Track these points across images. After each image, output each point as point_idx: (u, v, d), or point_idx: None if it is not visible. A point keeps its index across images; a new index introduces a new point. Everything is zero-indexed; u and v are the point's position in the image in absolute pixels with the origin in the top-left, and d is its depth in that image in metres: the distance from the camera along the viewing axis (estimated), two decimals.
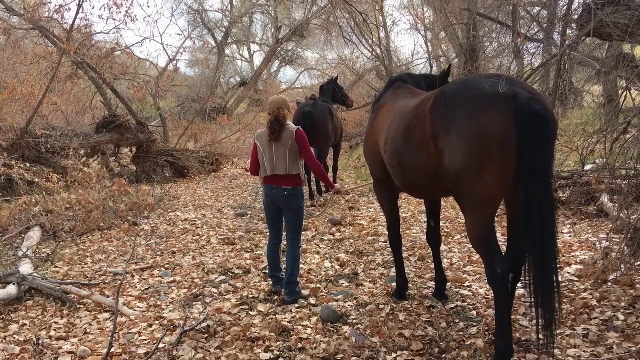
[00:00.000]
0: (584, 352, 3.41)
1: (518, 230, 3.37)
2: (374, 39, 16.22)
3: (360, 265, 5.81)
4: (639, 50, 6.04)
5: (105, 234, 7.75)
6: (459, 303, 4.49)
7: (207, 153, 15.01)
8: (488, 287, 4.58)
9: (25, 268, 5.65)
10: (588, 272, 4.67)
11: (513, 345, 3.33)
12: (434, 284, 4.77)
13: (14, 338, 4.28)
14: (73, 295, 5.08)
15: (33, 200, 7.96)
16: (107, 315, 4.72)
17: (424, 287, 5.01)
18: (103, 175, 9.03)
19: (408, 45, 69.26)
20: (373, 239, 6.83)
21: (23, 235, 7.22)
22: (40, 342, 4.11)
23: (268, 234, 5.17)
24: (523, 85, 3.22)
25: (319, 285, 5.22)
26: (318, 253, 6.40)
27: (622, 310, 3.93)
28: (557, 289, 3.07)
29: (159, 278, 5.74)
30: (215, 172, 14.84)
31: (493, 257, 3.21)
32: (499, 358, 3.29)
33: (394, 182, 4.24)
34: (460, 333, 3.92)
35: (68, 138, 11.63)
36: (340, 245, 6.69)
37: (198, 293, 5.18)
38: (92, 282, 5.58)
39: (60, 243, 7.31)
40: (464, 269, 5.41)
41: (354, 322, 4.27)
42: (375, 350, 3.72)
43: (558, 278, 3.09)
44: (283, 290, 4.91)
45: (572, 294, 4.38)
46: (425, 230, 4.82)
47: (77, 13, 11.62)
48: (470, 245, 4.11)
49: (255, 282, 5.46)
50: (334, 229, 7.50)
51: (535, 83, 6.98)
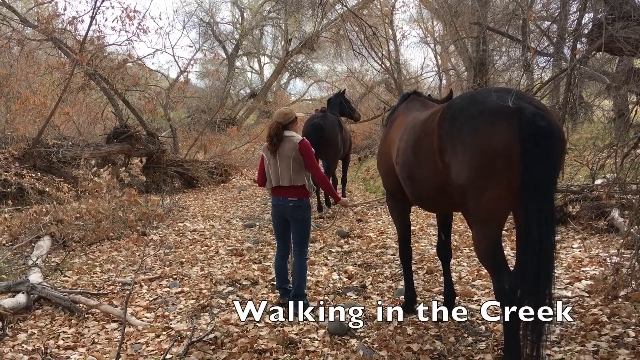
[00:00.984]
0: None
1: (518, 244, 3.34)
2: (384, 52, 16.32)
3: (369, 278, 5.79)
4: None
5: (115, 244, 7.79)
6: (468, 317, 4.46)
7: (216, 164, 15.08)
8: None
9: (35, 277, 5.68)
10: (598, 287, 4.62)
11: None
12: (443, 298, 4.74)
13: (23, 347, 4.31)
14: (82, 305, 5.11)
15: (44, 210, 8.03)
16: (115, 326, 4.74)
17: (433, 300, 4.98)
18: (113, 186, 9.10)
19: (418, 59, 69.46)
20: (381, 252, 6.81)
21: (33, 245, 7.27)
22: (49, 351, 4.13)
23: (276, 246, 5.19)
24: (530, 100, 3.20)
25: (327, 298, 5.21)
26: (326, 265, 6.39)
27: (632, 327, 3.88)
28: (549, 299, 3.02)
29: (167, 289, 5.75)
30: (225, 183, 14.89)
31: (500, 272, 3.19)
32: None
33: (407, 194, 4.23)
34: (469, 348, 3.89)
35: (79, 148, 11.73)
36: (349, 258, 6.68)
37: (206, 304, 5.18)
38: (100, 292, 5.61)
39: (70, 252, 7.35)
40: (473, 283, 5.37)
41: (362, 335, 4.25)
42: None
43: (552, 290, 3.04)
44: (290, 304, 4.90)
45: (582, 310, 4.34)
46: (436, 244, 4.80)
47: (90, 25, 11.76)
48: None
49: (263, 293, 5.46)
50: (342, 241, 7.49)
51: (545, 97, 6.96)
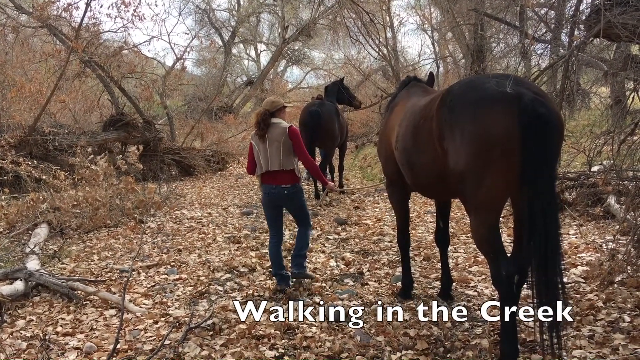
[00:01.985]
0: (590, 353, 3.40)
1: (523, 233, 3.35)
2: (381, 39, 16.21)
3: (366, 265, 5.81)
4: None
5: (112, 232, 7.79)
6: (465, 303, 4.49)
7: (213, 152, 15.03)
8: (493, 287, 4.56)
9: (33, 264, 5.68)
10: (594, 273, 4.66)
11: (518, 347, 3.33)
12: (440, 284, 4.77)
13: (21, 334, 4.32)
14: (80, 292, 5.12)
15: (41, 198, 8.01)
16: (113, 312, 4.75)
17: (430, 287, 5.01)
18: (110, 173, 9.06)
19: (415, 46, 69.20)
20: (378, 239, 6.83)
21: (30, 232, 7.27)
22: (47, 338, 4.14)
23: (269, 233, 5.22)
24: (529, 86, 3.17)
25: (325, 285, 5.24)
26: (324, 252, 6.41)
27: (628, 312, 3.91)
28: (562, 290, 3.05)
29: (165, 276, 5.77)
30: (222, 171, 14.86)
31: (498, 259, 3.20)
32: (505, 359, 3.28)
33: (406, 181, 4.23)
34: (466, 333, 3.92)
35: (76, 136, 11.69)
36: (346, 245, 6.69)
37: (204, 291, 5.20)
38: (98, 279, 5.62)
39: (68, 240, 7.36)
40: (470, 270, 5.40)
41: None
42: (380, 350, 3.72)
43: (563, 280, 3.06)
44: (290, 265, 5.15)
45: (578, 296, 4.37)
46: (434, 231, 4.82)
47: (85, 12, 11.61)
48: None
49: (261, 280, 5.47)
50: (340, 229, 7.50)
51: (543, 84, 6.95)
